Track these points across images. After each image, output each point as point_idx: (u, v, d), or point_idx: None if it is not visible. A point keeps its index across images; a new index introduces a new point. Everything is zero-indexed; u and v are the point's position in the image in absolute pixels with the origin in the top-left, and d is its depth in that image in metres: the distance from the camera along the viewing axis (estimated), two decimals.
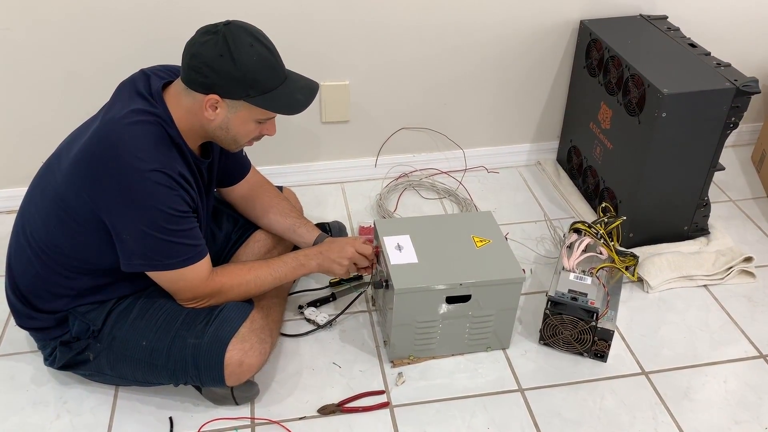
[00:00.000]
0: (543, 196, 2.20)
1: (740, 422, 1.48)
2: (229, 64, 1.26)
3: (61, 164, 1.34)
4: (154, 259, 1.32)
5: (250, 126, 1.36)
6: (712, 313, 1.76)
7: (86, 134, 1.32)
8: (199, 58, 1.27)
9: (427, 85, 2.12)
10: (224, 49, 1.25)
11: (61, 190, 1.32)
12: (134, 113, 1.30)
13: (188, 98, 1.32)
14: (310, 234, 1.64)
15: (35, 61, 1.86)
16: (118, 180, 1.25)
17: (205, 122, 1.33)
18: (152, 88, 1.34)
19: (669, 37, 1.95)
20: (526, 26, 2.06)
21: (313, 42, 1.96)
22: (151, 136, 1.29)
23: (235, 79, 1.27)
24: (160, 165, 1.27)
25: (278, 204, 1.68)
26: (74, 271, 1.38)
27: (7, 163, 2.00)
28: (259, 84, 1.29)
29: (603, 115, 1.98)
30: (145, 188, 1.26)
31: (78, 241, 1.34)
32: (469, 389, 1.54)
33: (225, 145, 1.41)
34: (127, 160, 1.25)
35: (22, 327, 1.48)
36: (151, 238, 1.29)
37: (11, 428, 1.43)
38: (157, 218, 1.28)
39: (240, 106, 1.31)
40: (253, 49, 1.27)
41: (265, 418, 1.46)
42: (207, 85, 1.28)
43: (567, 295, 1.56)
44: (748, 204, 2.17)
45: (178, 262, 1.33)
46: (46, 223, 1.36)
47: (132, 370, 1.42)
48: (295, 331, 1.66)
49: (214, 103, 1.30)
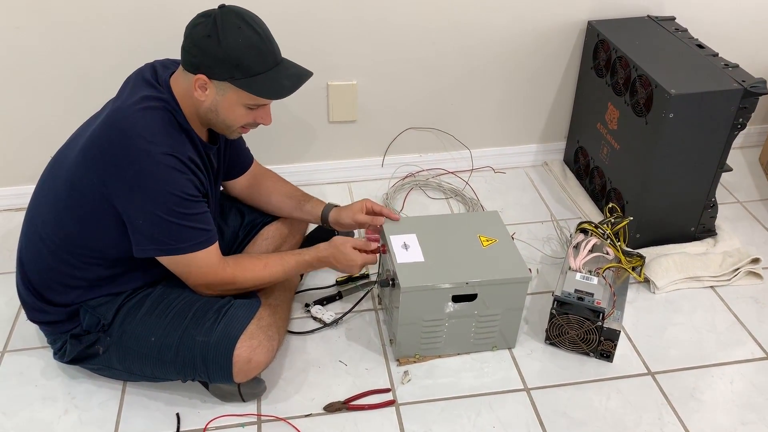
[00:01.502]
0: (550, 196, 2.20)
1: (747, 423, 1.48)
2: (214, 44, 1.28)
3: (71, 154, 1.35)
4: (166, 243, 1.33)
5: (240, 110, 1.37)
6: (718, 314, 1.76)
7: (95, 124, 1.34)
8: (190, 39, 1.31)
9: (434, 86, 2.12)
10: (212, 30, 1.28)
11: (72, 179, 1.33)
12: (143, 100, 1.32)
13: (185, 80, 1.34)
14: (316, 209, 1.67)
15: (45, 59, 1.87)
16: (129, 165, 1.27)
17: (198, 104, 1.35)
18: (159, 77, 1.37)
19: (677, 38, 1.95)
20: (534, 27, 2.06)
21: (320, 41, 1.97)
22: (161, 121, 1.31)
23: (219, 59, 1.28)
24: (170, 149, 1.29)
25: (282, 187, 1.72)
26: (86, 262, 1.39)
27: (15, 161, 2.02)
28: (243, 67, 1.30)
29: (610, 116, 1.98)
30: (157, 172, 1.28)
31: (89, 230, 1.36)
32: (474, 388, 1.54)
33: (219, 130, 1.42)
34: (139, 144, 1.27)
35: (34, 321, 1.49)
36: (163, 221, 1.30)
37: (20, 423, 1.45)
38: (168, 202, 1.29)
39: (227, 88, 1.33)
40: (240, 31, 1.29)
41: (272, 414, 1.47)
42: (195, 64, 1.31)
43: (573, 294, 1.56)
44: (756, 205, 2.16)
45: (190, 246, 1.34)
46: (56, 214, 1.37)
47: (140, 364, 1.43)
48: (301, 329, 1.67)
49: (203, 83, 1.31)
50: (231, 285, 1.45)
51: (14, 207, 2.05)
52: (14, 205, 2.05)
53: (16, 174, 2.03)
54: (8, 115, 1.94)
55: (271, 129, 2.03)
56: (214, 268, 1.41)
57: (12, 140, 1.99)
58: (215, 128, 1.42)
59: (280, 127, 2.10)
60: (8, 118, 1.95)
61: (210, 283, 1.43)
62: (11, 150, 2.00)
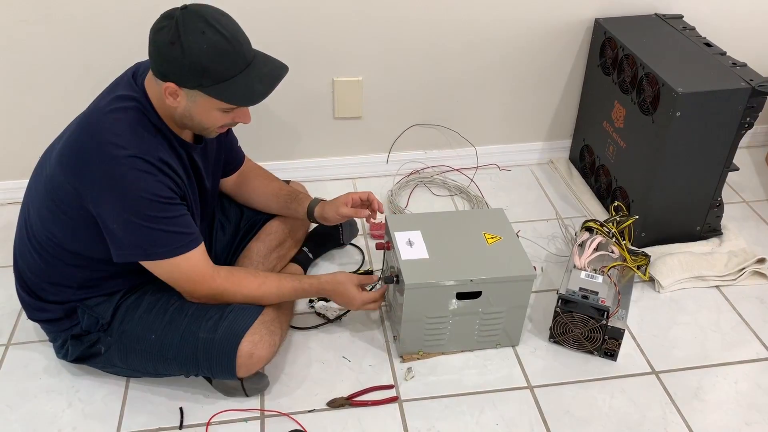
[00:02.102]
0: (555, 194, 2.19)
1: (751, 423, 1.48)
2: (178, 52, 1.20)
3: (52, 156, 1.34)
4: (144, 248, 1.29)
5: (215, 114, 1.30)
6: (723, 314, 1.75)
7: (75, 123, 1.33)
8: (153, 44, 1.24)
9: (439, 82, 2.12)
10: (175, 37, 1.20)
11: (50, 183, 1.32)
12: (116, 100, 1.29)
13: (156, 85, 1.29)
14: (302, 206, 1.65)
15: (49, 52, 1.87)
16: (98, 168, 1.24)
17: (171, 109, 1.31)
18: (137, 77, 1.34)
19: (684, 36, 1.94)
20: (541, 24, 2.06)
21: (326, 37, 1.96)
22: (131, 122, 1.27)
23: (185, 67, 1.21)
24: (138, 151, 1.25)
25: (267, 186, 1.69)
26: (71, 263, 1.38)
27: (19, 154, 2.02)
28: (210, 73, 1.22)
29: (616, 114, 1.97)
30: (125, 175, 1.23)
31: (70, 233, 1.34)
32: (478, 385, 1.54)
33: (197, 132, 1.38)
34: (105, 148, 1.24)
35: (33, 319, 1.49)
36: (136, 226, 1.26)
37: (24, 416, 1.45)
38: (139, 206, 1.25)
39: (197, 95, 1.26)
40: (204, 36, 1.20)
41: (275, 410, 1.47)
42: (163, 72, 1.25)
43: (578, 293, 1.56)
44: (762, 205, 2.15)
45: (167, 251, 1.30)
46: (40, 216, 1.36)
47: (143, 362, 1.43)
48: (305, 325, 1.67)
49: (173, 91, 1.26)
50: (219, 297, 1.41)
51: (17, 200, 2.05)
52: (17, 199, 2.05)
53: (18, 167, 2.03)
54: (11, 108, 1.95)
55: (276, 125, 2.03)
56: (201, 275, 1.36)
57: (14, 133, 1.99)
58: (193, 130, 1.38)
59: (285, 122, 2.10)
60: (11, 111, 1.95)
61: (195, 291, 1.38)
62: (18, 142, 2.00)
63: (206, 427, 1.43)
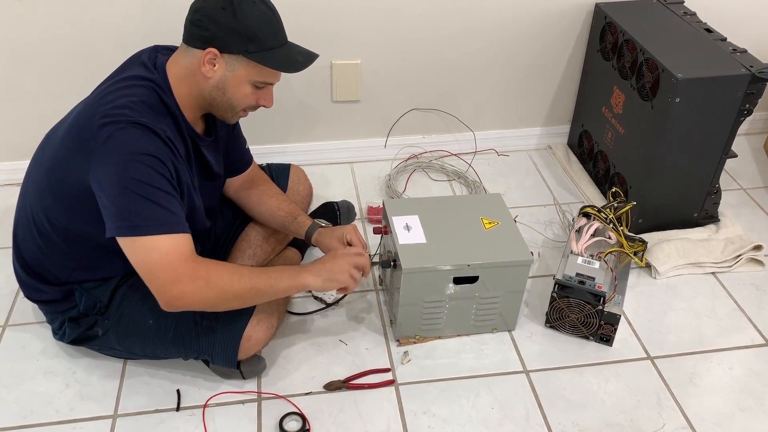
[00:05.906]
0: (553, 180, 2.19)
1: (744, 409, 1.49)
2: (230, 16, 1.25)
3: (59, 133, 1.33)
4: (131, 219, 1.21)
5: (247, 89, 1.34)
6: (719, 301, 1.76)
7: (83, 104, 1.33)
8: (202, 12, 1.27)
9: (438, 66, 2.10)
10: (227, 3, 1.26)
11: (55, 158, 1.31)
12: (129, 79, 1.29)
13: (187, 57, 1.30)
14: (301, 229, 1.60)
15: (47, 32, 1.85)
16: (101, 135, 1.21)
17: (202, 81, 1.30)
18: (156, 60, 1.34)
19: (685, 22, 1.93)
20: (540, 8, 2.04)
21: (325, 20, 1.95)
22: (142, 97, 1.27)
23: (235, 31, 1.26)
24: (144, 120, 1.23)
25: (269, 201, 1.65)
26: (69, 244, 1.37)
27: (17, 135, 2.01)
28: (258, 40, 1.28)
29: (615, 100, 1.96)
30: (123, 135, 1.21)
31: (69, 212, 1.33)
32: (474, 369, 1.54)
33: (221, 112, 1.37)
34: (112, 116, 1.22)
35: (30, 299, 1.49)
36: (126, 192, 1.20)
37: (21, 396, 1.45)
38: (136, 169, 1.20)
39: (238, 63, 1.29)
40: (255, 5, 1.28)
41: (272, 392, 1.47)
42: (206, 38, 1.27)
43: (574, 278, 1.56)
44: (759, 192, 2.15)
45: (154, 226, 1.22)
46: (40, 194, 1.36)
47: (141, 345, 1.43)
48: (303, 309, 1.67)
49: (212, 58, 1.28)
50: (201, 283, 1.26)
51: (16, 182, 2.05)
52: (16, 180, 2.05)
53: (17, 148, 2.03)
54: (10, 89, 1.93)
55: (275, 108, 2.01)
56: (183, 257, 1.24)
57: (13, 114, 1.98)
58: (216, 110, 1.37)
59: (284, 106, 2.09)
60: (10, 92, 1.94)
61: (177, 276, 1.23)
62: (19, 124, 1.99)
63: (203, 409, 1.44)
